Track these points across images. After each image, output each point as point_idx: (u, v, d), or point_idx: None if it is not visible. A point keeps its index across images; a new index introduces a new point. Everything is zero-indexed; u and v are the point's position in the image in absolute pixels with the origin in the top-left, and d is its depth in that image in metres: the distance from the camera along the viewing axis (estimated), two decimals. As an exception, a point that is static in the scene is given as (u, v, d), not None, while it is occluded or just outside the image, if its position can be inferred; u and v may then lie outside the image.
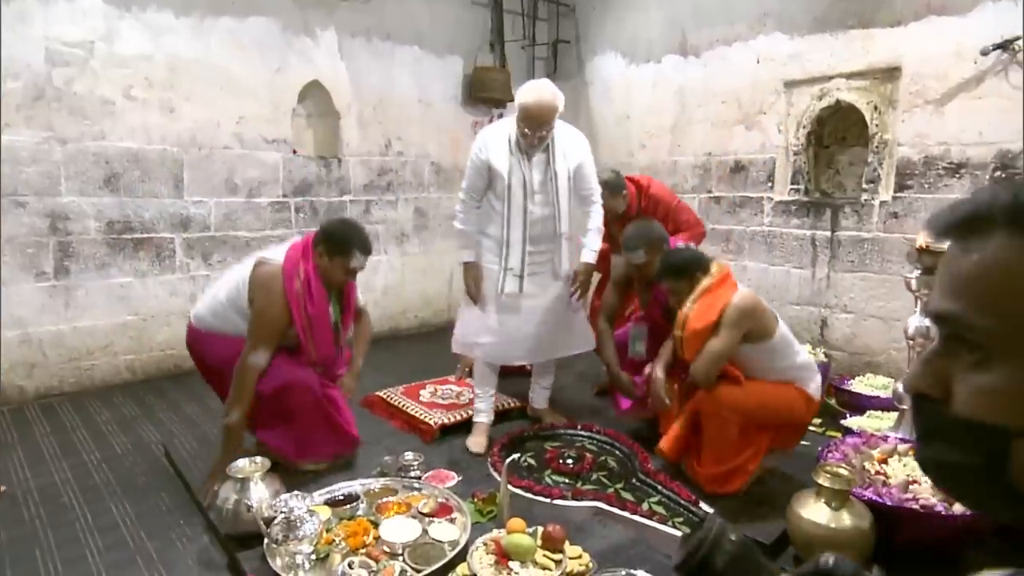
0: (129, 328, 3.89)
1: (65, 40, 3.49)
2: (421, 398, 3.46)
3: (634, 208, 3.51)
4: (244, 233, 4.29)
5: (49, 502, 2.52)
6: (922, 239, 2.58)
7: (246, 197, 4.27)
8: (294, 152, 4.48)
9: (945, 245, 0.57)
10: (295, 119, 4.51)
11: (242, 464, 2.22)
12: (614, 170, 3.52)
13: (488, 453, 2.85)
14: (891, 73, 3.75)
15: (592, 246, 2.98)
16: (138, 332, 3.92)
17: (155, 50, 3.78)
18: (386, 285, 5.13)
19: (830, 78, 4.01)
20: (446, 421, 3.16)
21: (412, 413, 3.25)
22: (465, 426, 3.15)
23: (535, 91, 2.69)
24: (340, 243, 2.47)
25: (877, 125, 3.84)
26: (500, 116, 5.18)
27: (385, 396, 3.50)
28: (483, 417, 3.08)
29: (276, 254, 2.51)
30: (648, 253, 2.85)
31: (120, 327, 3.86)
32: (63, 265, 3.63)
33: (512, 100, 5.25)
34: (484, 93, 5.22)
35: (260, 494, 2.14)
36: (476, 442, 2.99)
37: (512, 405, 3.39)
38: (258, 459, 2.25)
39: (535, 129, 2.70)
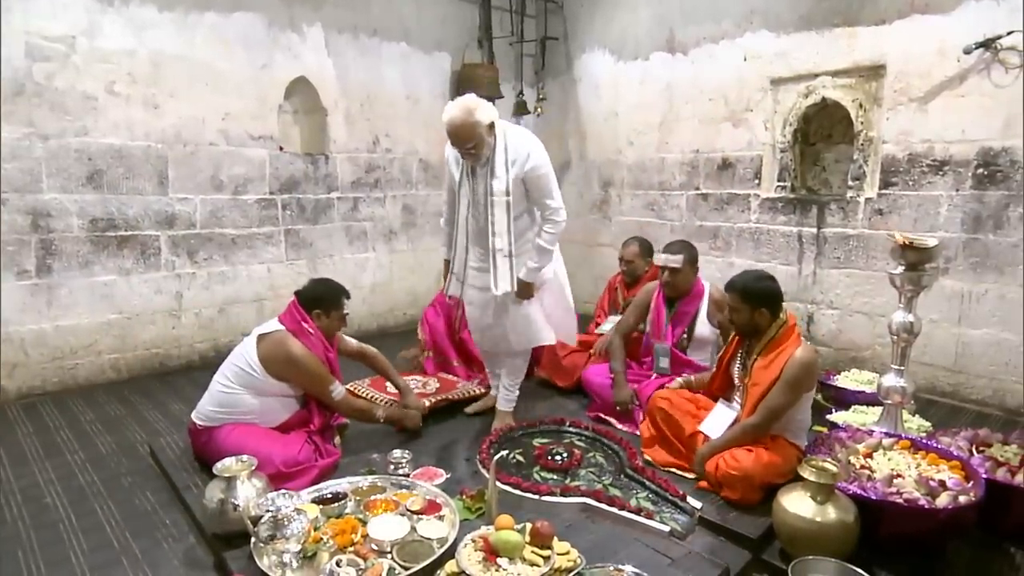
0: (113, 327, 3.85)
1: (46, 35, 3.43)
2: (388, 389, 3.38)
3: (643, 282, 3.76)
4: (230, 230, 4.26)
5: (32, 503, 2.48)
6: (901, 236, 2.60)
7: (232, 194, 4.23)
8: (280, 149, 4.45)
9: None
10: (281, 115, 4.48)
11: (228, 463, 2.21)
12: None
13: (475, 416, 3.28)
14: (876, 71, 3.78)
15: (532, 263, 2.82)
16: (122, 331, 3.88)
17: (138, 45, 3.74)
18: (374, 282, 5.11)
19: (816, 76, 4.04)
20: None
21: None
22: (444, 411, 3.26)
23: (449, 109, 2.65)
24: (332, 298, 2.82)
25: (862, 123, 3.87)
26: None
27: (352, 388, 3.38)
28: (492, 391, 3.38)
29: (268, 328, 2.72)
30: (686, 263, 3.17)
31: (104, 325, 3.82)
32: (45, 263, 3.58)
33: (501, 96, 5.26)
34: (472, 90, 5.16)
35: (247, 493, 2.12)
36: (473, 405, 3.37)
37: (480, 392, 3.45)
38: (244, 458, 2.24)
39: (457, 145, 2.71)
